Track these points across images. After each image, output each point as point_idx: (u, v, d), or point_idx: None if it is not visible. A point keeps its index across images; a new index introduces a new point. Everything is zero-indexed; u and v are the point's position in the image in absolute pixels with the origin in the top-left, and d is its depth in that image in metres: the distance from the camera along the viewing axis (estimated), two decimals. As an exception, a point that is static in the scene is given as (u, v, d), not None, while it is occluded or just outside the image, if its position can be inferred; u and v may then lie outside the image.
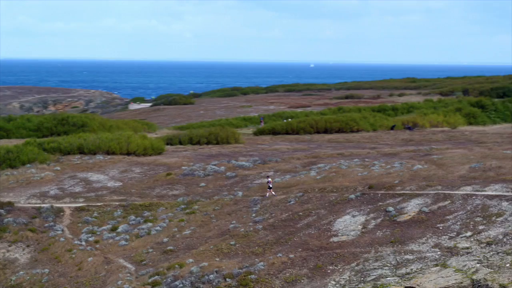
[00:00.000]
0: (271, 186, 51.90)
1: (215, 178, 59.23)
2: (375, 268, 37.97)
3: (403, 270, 36.97)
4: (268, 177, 53.68)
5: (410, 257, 38.09)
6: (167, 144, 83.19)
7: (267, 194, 51.80)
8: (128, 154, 70.96)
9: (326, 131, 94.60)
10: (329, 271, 38.88)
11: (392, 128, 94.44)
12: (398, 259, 38.21)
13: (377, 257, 39.02)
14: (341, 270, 38.67)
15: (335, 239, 42.20)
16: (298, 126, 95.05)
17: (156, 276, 42.10)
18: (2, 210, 53.90)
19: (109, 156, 69.69)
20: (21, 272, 47.47)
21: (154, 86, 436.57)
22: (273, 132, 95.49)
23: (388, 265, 37.95)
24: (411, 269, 36.75)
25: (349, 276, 37.90)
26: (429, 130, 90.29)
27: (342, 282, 37.53)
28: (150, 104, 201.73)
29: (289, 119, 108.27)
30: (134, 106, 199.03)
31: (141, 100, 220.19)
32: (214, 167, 61.23)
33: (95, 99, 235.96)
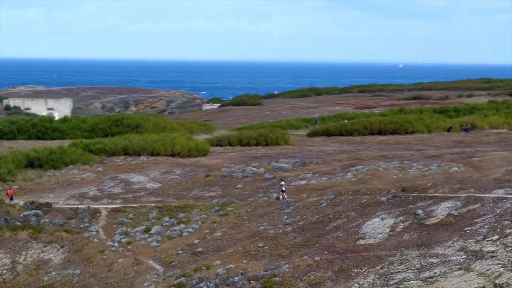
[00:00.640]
0: (283, 189, 52.15)
1: (253, 180, 58.82)
2: (399, 272, 37.03)
3: (426, 274, 35.96)
4: (281, 180, 53.89)
5: (434, 260, 37.03)
6: (217, 145, 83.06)
7: (280, 197, 52.04)
8: (173, 155, 71.01)
9: (380, 132, 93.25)
10: (353, 274, 38.06)
11: (449, 129, 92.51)
12: (422, 263, 37.20)
13: (402, 261, 38.05)
14: (365, 273, 37.81)
15: (362, 242, 41.34)
16: (352, 128, 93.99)
17: (182, 278, 41.80)
18: (39, 211, 54.37)
19: (152, 157, 69.85)
20: (53, 273, 47.75)
21: (239, 86, 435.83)
22: (327, 133, 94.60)
23: (412, 268, 36.98)
24: (435, 273, 35.72)
25: (373, 280, 37.03)
26: (484, 132, 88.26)
27: (366, 286, 36.69)
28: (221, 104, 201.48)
29: (345, 120, 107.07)
30: (207, 107, 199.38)
31: (218, 100, 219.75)
32: (253, 168, 60.82)
33: (176, 99, 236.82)
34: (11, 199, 56.23)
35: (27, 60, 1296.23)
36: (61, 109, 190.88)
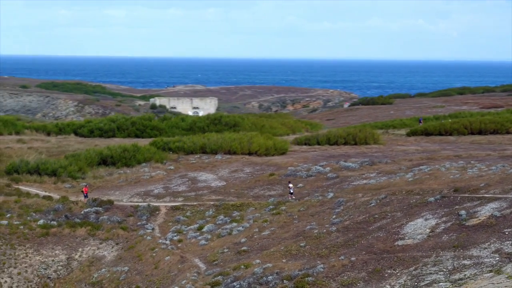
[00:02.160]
0: (292, 191, 53.14)
1: (316, 179, 57.53)
2: (430, 273, 35.30)
3: (457, 276, 34.13)
4: (289, 182, 54.69)
5: (467, 262, 35.06)
6: (305, 144, 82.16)
7: (289, 198, 52.80)
8: (250, 154, 70.43)
9: (480, 132, 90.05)
10: (386, 275, 36.54)
11: None
12: (455, 264, 35.31)
13: (436, 262, 36.24)
14: (398, 274, 36.22)
15: (400, 242, 39.61)
16: (452, 127, 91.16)
17: (219, 276, 41.16)
18: (100, 208, 54.83)
19: (227, 156, 69.50)
20: (103, 270, 48.00)
21: (409, 86, 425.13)
22: (426, 133, 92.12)
23: (444, 270, 35.16)
24: (465, 275, 33.86)
25: (404, 281, 35.43)
26: None
27: (397, 287, 35.11)
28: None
29: (449, 120, 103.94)
30: (346, 106, 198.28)
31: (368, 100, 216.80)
32: (319, 168, 59.52)
33: (333, 98, 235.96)
34: (86, 196, 56.75)
35: (200, 59, 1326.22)
36: (206, 107, 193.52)
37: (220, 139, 71.94)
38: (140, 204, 55.61)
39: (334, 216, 46.41)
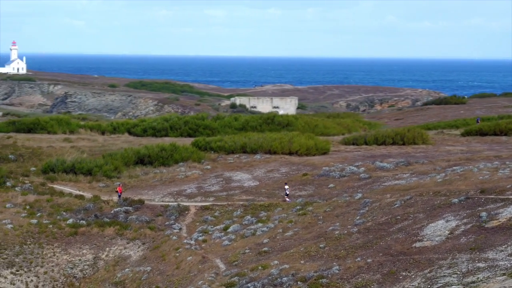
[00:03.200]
0: (287, 193, 53.11)
1: (348, 179, 56.37)
2: (444, 276, 34.11)
3: (470, 279, 32.90)
4: (286, 184, 54.54)
5: (482, 265, 33.75)
6: (352, 144, 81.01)
7: (286, 199, 52.77)
8: (290, 153, 69.56)
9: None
10: (401, 277, 35.50)
11: None
12: (469, 267, 34.06)
13: (451, 264, 35.02)
14: (413, 276, 35.16)
15: (417, 244, 38.41)
16: (507, 127, 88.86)
17: (236, 277, 40.59)
18: (130, 208, 54.67)
19: (267, 156, 68.74)
20: (127, 269, 47.80)
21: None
22: (481, 133, 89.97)
23: (458, 272, 33.95)
24: (478, 278, 32.62)
25: (418, 283, 34.36)
26: None
27: (410, 290, 34.04)
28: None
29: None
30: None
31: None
32: (353, 168, 58.36)
33: (422, 98, 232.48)
34: (120, 196, 56.62)
35: (298, 59, 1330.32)
36: (286, 107, 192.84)
37: (261, 139, 71.21)
38: (170, 203, 55.24)
39: (358, 217, 45.33)
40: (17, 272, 47.66)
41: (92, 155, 70.42)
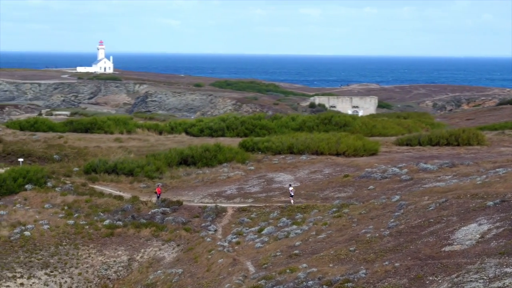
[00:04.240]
0: (292, 194, 52.80)
1: (390, 181, 54.85)
2: (471, 281, 32.75)
3: (496, 284, 31.56)
4: (290, 185, 54.40)
5: (509, 270, 32.37)
6: (406, 144, 79.45)
7: (292, 201, 52.47)
8: (338, 154, 68.30)
9: None
10: (427, 282, 34.23)
11: None
12: (497, 272, 32.61)
13: (478, 269, 33.56)
14: (440, 281, 33.84)
15: (447, 248, 36.95)
16: None
17: (262, 280, 39.70)
18: (168, 209, 54.16)
19: (313, 157, 67.62)
20: (159, 271, 47.27)
21: None
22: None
23: (485, 277, 32.54)
24: (504, 283, 31.31)
25: (444, 289, 32.99)
26: None
27: (435, 295, 32.78)
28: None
29: None
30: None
31: None
32: (395, 169, 56.81)
33: (510, 97, 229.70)
34: (158, 197, 56.02)
35: (393, 58, 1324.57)
36: (366, 106, 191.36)
37: (308, 139, 70.10)
38: (208, 205, 54.55)
39: (392, 220, 43.94)
40: (51, 273, 47.55)
41: (140, 155, 70.20)
